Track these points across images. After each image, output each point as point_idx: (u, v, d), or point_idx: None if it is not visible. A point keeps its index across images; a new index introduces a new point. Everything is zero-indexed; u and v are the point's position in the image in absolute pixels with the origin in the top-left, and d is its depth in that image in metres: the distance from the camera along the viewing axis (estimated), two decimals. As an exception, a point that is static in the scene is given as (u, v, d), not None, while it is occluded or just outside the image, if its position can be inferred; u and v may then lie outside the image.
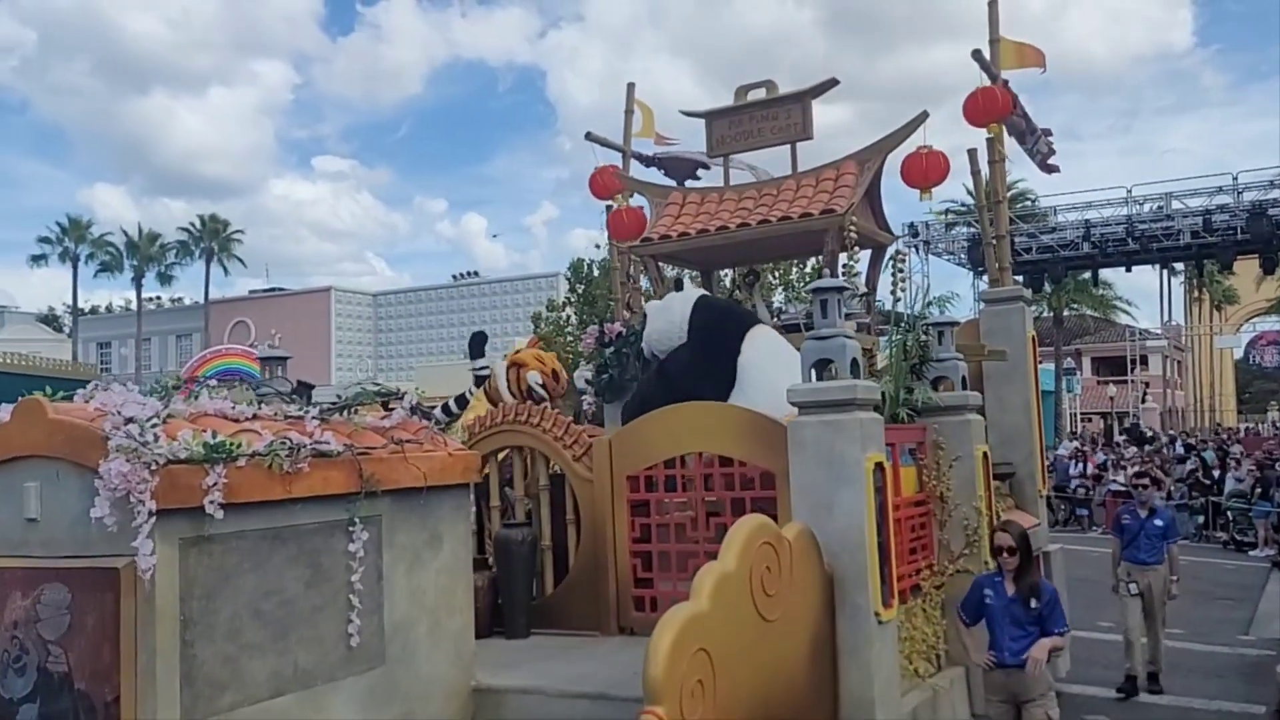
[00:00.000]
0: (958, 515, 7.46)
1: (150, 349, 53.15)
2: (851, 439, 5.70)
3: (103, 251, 53.29)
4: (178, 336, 54.43)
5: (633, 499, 6.46)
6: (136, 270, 53.20)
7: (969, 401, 7.61)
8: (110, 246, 53.42)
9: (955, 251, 36.73)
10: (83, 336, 52.71)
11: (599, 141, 11.27)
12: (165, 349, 54.01)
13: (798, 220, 9.03)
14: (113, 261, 53.29)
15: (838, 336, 5.83)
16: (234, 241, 54.14)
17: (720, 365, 7.30)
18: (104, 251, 53.28)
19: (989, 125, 9.46)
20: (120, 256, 53.37)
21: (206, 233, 53.16)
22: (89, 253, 53.19)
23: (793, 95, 9.65)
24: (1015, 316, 9.63)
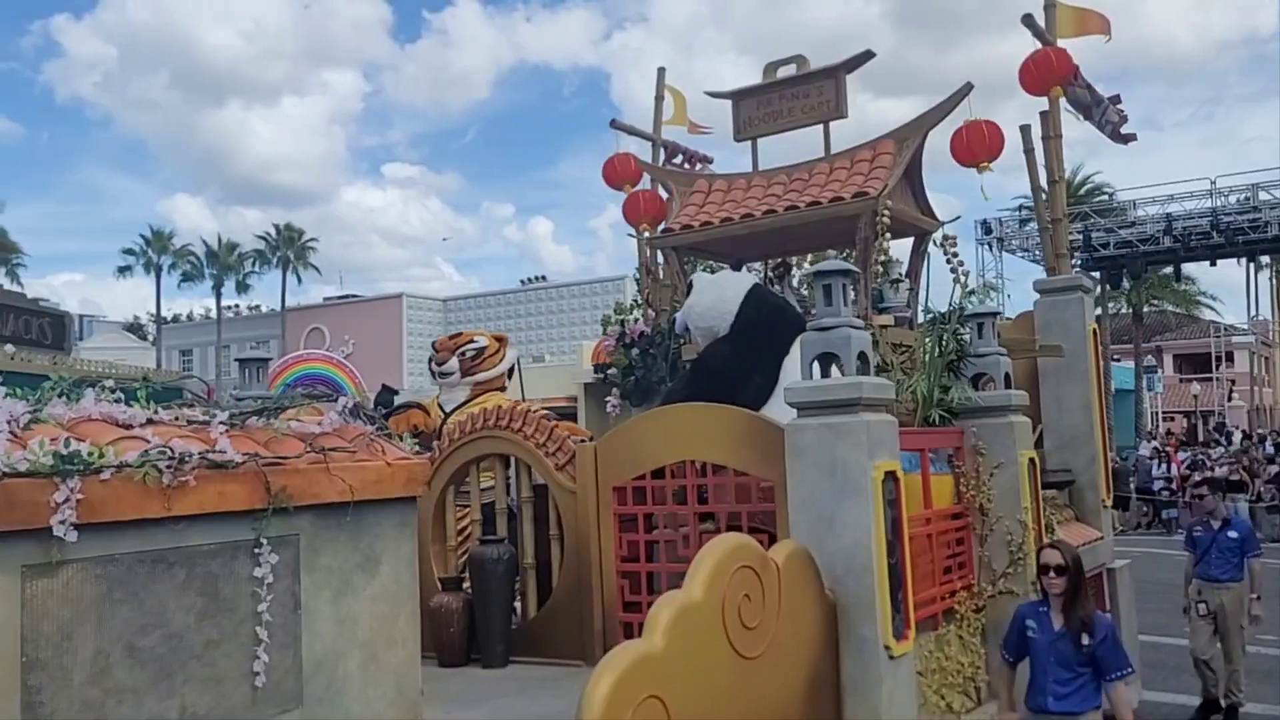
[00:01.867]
0: (1000, 530, 6.57)
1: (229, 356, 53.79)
2: (856, 444, 4.88)
3: (184, 262, 54.27)
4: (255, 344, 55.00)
5: (620, 512, 5.71)
6: (216, 279, 54.00)
7: (1012, 401, 6.71)
8: (191, 257, 54.40)
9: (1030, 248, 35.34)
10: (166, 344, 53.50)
11: (625, 129, 10.55)
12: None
13: (827, 205, 8.20)
14: (194, 271, 54.25)
15: (842, 327, 5.02)
16: (309, 250, 54.68)
17: (766, 364, 6.49)
18: (185, 261, 54.26)
19: (1051, 90, 8.51)
20: (201, 266, 54.32)
21: (282, 242, 53.75)
22: (171, 263, 54.23)
23: (825, 70, 8.81)
24: (1074, 308, 8.67)
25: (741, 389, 5.64)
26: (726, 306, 6.48)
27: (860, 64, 8.80)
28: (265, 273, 54.54)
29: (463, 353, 7.33)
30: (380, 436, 4.78)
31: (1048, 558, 5.14)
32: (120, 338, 55.92)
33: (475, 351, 7.36)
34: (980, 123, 8.18)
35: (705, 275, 6.95)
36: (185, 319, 60.19)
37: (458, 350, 7.35)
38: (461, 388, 7.35)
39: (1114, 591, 8.29)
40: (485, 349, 7.41)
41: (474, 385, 7.35)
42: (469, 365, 7.32)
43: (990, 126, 8.20)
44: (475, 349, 7.39)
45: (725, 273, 6.98)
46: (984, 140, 8.18)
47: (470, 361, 7.33)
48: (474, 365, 7.34)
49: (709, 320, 6.57)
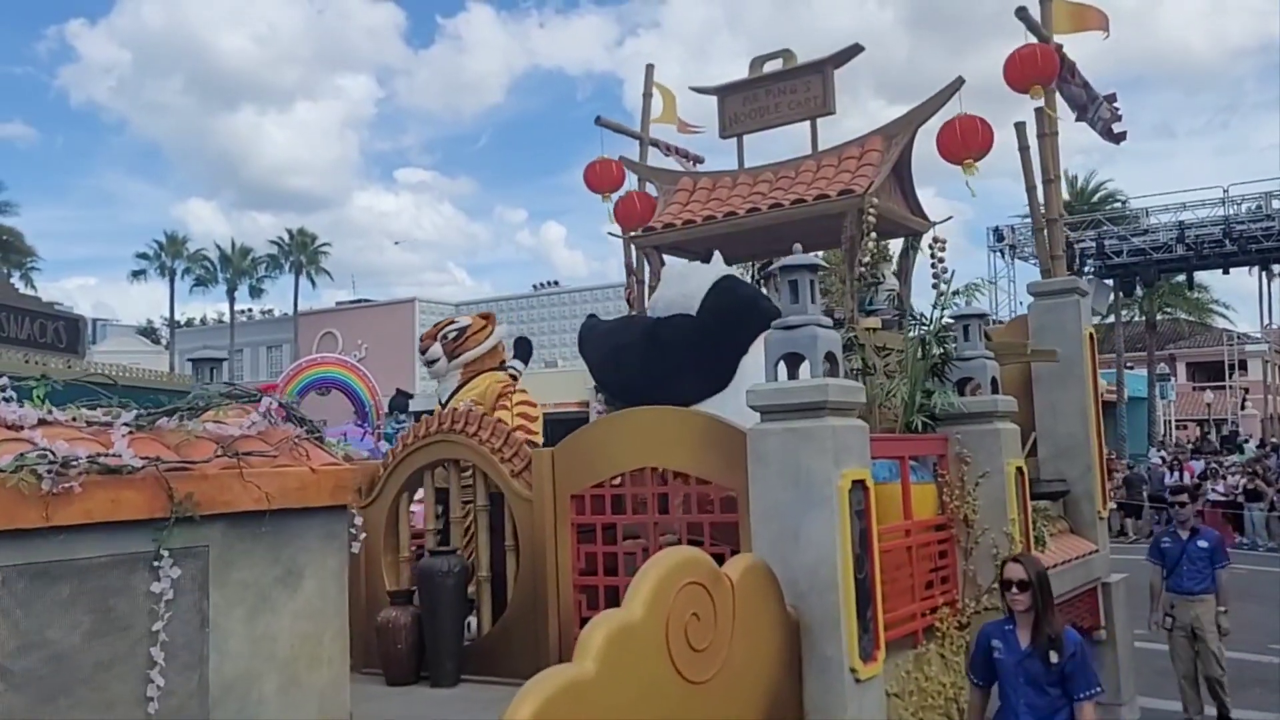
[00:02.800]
0: (985, 542, 6.19)
1: (243, 360, 53.66)
2: (822, 450, 4.51)
3: (198, 266, 54.18)
4: (268, 348, 54.84)
5: (578, 522, 5.35)
6: (229, 284, 53.89)
7: (998, 407, 6.32)
8: (205, 261, 54.30)
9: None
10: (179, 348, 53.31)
11: (611, 127, 10.20)
12: (256, 360, 54.47)
13: (813, 203, 7.84)
14: (207, 276, 54.15)
15: (809, 325, 4.66)
16: (321, 255, 54.54)
17: (722, 358, 6.14)
18: (199, 266, 54.17)
19: (1032, 89, 8.12)
20: (214, 270, 54.21)
21: (295, 247, 53.62)
22: (185, 267, 54.11)
23: (811, 65, 8.47)
24: (1069, 311, 8.28)
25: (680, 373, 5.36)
26: (690, 301, 6.14)
27: (848, 58, 8.45)
28: (278, 277, 54.45)
29: (444, 335, 6.95)
30: (309, 440, 4.43)
31: (1010, 572, 4.77)
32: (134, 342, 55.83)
33: (457, 332, 6.98)
34: (969, 118, 7.81)
35: (674, 266, 6.59)
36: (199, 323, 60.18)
37: (439, 335, 6.98)
38: (451, 374, 6.96)
39: (1109, 607, 7.88)
40: (468, 327, 7.03)
41: (463, 367, 6.96)
42: (453, 347, 6.94)
43: (979, 123, 7.83)
44: (457, 329, 7.00)
45: (693, 264, 6.61)
46: (974, 136, 7.81)
47: (454, 343, 6.95)
48: (458, 346, 6.95)
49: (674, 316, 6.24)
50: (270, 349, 55.00)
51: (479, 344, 6.94)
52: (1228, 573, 7.59)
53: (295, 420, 4.53)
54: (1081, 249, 32.37)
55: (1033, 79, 8.24)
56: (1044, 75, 8.25)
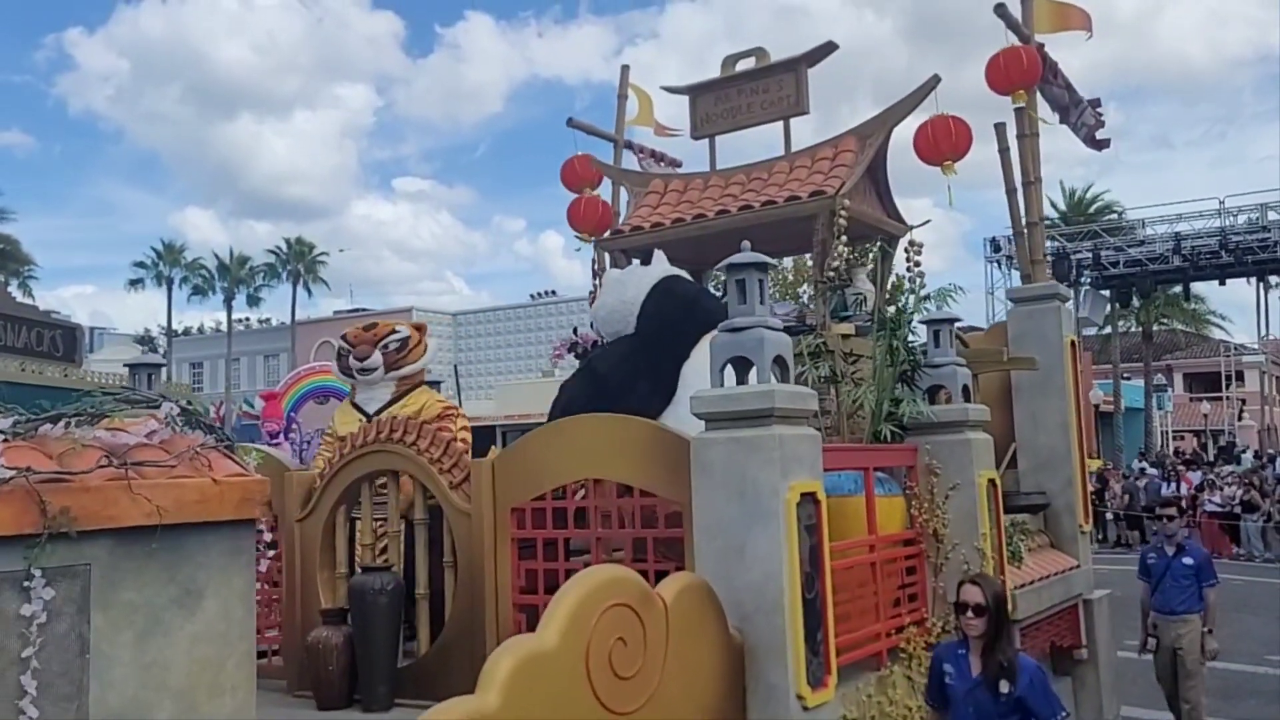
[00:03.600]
0: (956, 558, 5.85)
1: (239, 369, 53.36)
2: (768, 461, 4.18)
3: (195, 275, 53.88)
4: (265, 356, 54.59)
5: (519, 537, 5.02)
6: (227, 293, 53.66)
7: (969, 416, 5.99)
8: (203, 270, 54.01)
9: (1039, 266, 34.42)
10: (176, 357, 53.02)
11: (583, 128, 9.90)
12: (254, 368, 54.23)
13: (783, 205, 7.52)
14: (205, 284, 53.88)
15: (755, 328, 4.33)
16: (319, 264, 54.34)
17: (662, 369, 5.82)
18: (197, 275, 53.87)
19: (1014, 92, 7.81)
20: (212, 279, 53.93)
21: (293, 255, 53.41)
22: (183, 276, 53.81)
23: (784, 63, 8.15)
24: (1049, 318, 7.95)
25: (625, 397, 4.94)
26: (629, 308, 5.80)
27: (822, 57, 8.14)
28: (276, 286, 54.15)
29: (385, 345, 6.52)
30: (217, 449, 4.10)
31: (966, 595, 4.43)
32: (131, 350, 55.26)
33: (399, 343, 6.53)
34: (945, 118, 7.49)
35: (613, 273, 6.24)
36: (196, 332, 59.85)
37: (379, 342, 6.53)
38: (385, 385, 6.50)
39: (1091, 624, 7.53)
40: (408, 340, 6.60)
41: (399, 381, 6.53)
42: (393, 358, 6.49)
43: (956, 123, 7.52)
44: (399, 340, 6.54)
45: (632, 268, 6.26)
46: (950, 137, 7.50)
47: (395, 354, 6.50)
48: (399, 358, 6.51)
49: (614, 324, 5.90)
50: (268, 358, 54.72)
51: (418, 359, 6.55)
52: (1216, 592, 7.22)
53: (203, 428, 4.20)
54: (1078, 260, 32.09)
55: (1015, 82, 7.94)
56: (1026, 78, 7.95)
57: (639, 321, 5.86)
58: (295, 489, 5.66)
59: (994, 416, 8.01)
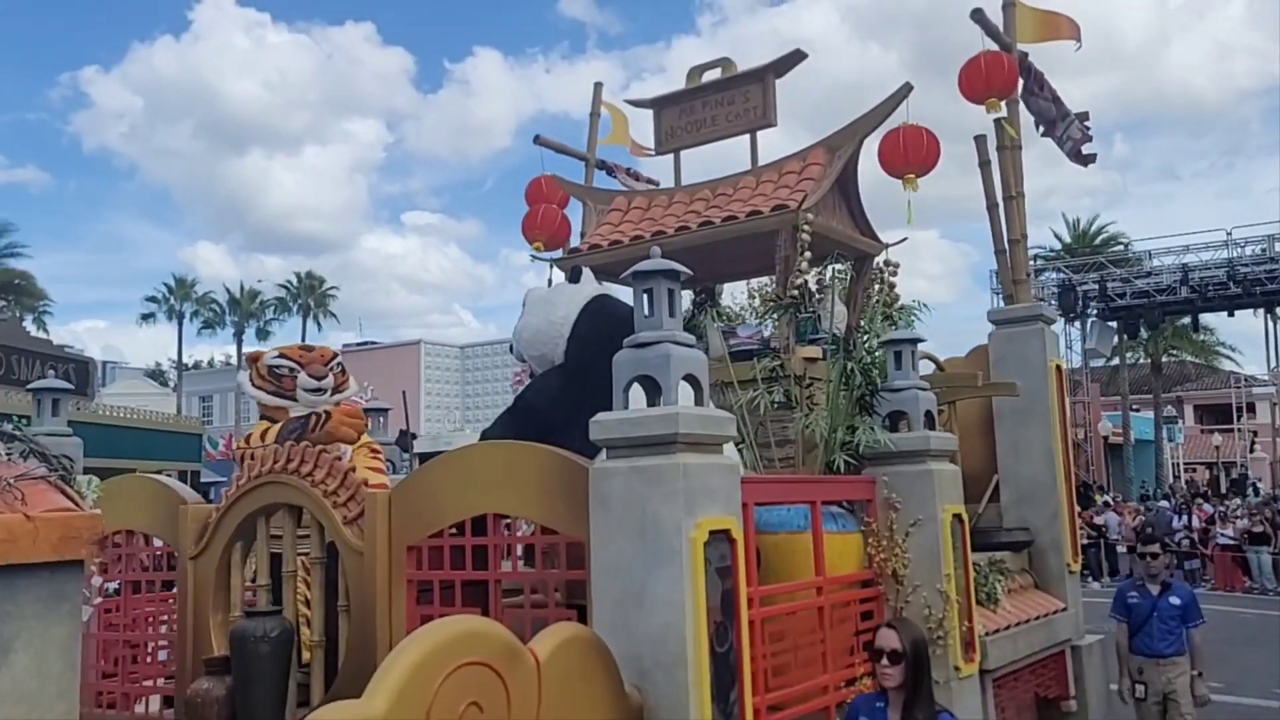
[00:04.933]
0: (917, 601, 5.21)
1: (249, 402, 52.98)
2: (670, 494, 3.58)
3: (206, 309, 53.45)
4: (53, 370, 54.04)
5: (415, 579, 4.41)
6: (237, 326, 53.33)
7: (930, 445, 5.36)
8: (213, 304, 53.61)
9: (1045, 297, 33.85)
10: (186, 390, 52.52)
11: (551, 146, 9.38)
12: (265, 401, 53.83)
13: (744, 221, 6.95)
14: (215, 318, 53.48)
15: (662, 343, 3.73)
16: (329, 297, 54.15)
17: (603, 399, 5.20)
18: (207, 309, 53.44)
19: (989, 101, 7.22)
20: (222, 313, 53.51)
21: (303, 289, 53.22)
22: (193, 310, 53.37)
23: (750, 73, 7.61)
24: (1033, 341, 7.32)
25: (566, 433, 4.30)
26: (557, 329, 5.18)
27: (790, 66, 7.59)
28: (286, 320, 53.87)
29: (334, 367, 5.88)
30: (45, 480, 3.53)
31: (882, 640, 3.82)
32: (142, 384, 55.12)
33: (341, 368, 5.92)
34: (915, 128, 6.91)
35: (537, 291, 5.63)
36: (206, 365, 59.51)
37: (329, 363, 5.88)
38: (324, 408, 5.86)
39: (1080, 672, 6.84)
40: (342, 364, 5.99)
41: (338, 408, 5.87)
42: (341, 380, 5.88)
43: (925, 134, 6.93)
44: (340, 365, 5.94)
45: (559, 285, 5.66)
46: (918, 148, 6.91)
47: (341, 377, 5.89)
48: (343, 382, 5.90)
49: (539, 346, 5.28)
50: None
51: (349, 387, 5.94)
52: (1201, 633, 6.52)
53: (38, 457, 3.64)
54: (1084, 291, 31.43)
55: (990, 90, 7.34)
56: (1002, 86, 7.35)
57: (570, 344, 5.24)
58: (190, 523, 5.08)
59: (974, 447, 7.41)
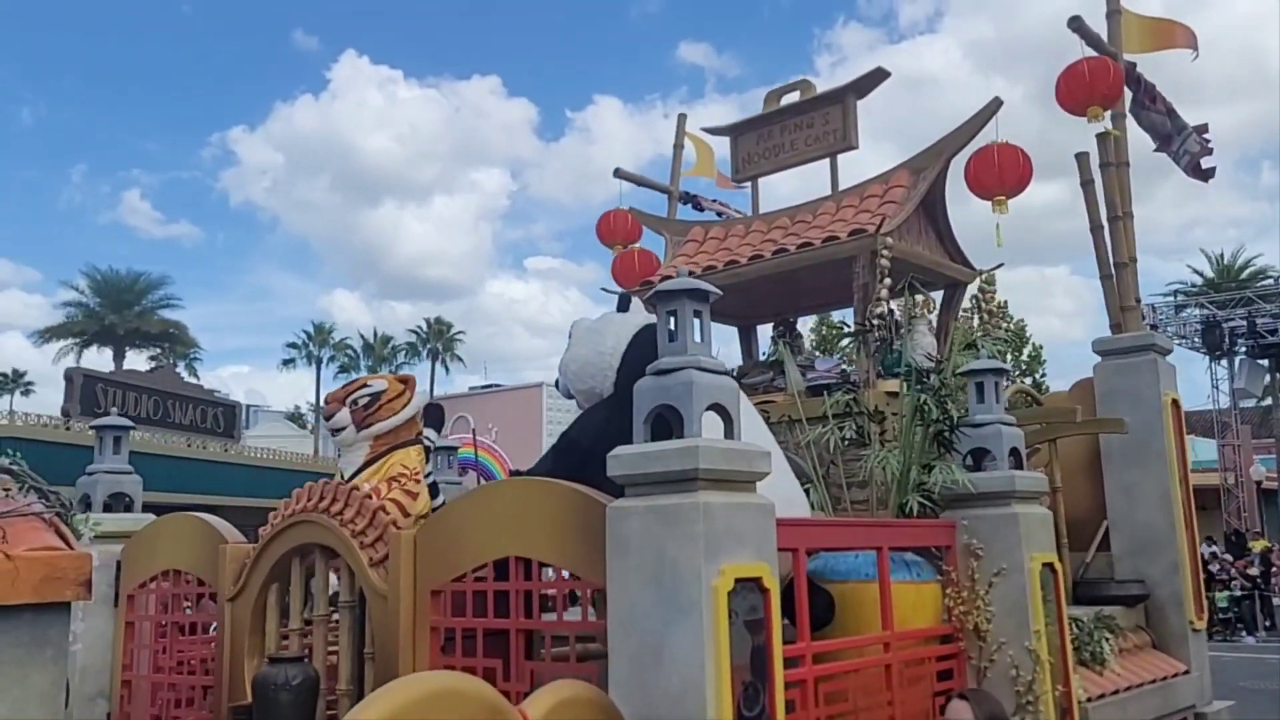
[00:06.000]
0: (1002, 661, 4.68)
1: (379, 444, 54.51)
2: (689, 537, 3.22)
3: (342, 354, 55.63)
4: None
5: (439, 625, 4.14)
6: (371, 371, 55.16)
7: (1016, 485, 4.84)
8: (349, 349, 55.78)
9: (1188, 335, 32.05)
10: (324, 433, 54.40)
11: (632, 180, 9.16)
12: (395, 443, 55.25)
13: (820, 247, 6.56)
14: (350, 363, 55.55)
15: (685, 370, 3.40)
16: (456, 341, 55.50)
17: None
18: (343, 354, 55.63)
19: (1090, 110, 6.67)
20: (357, 358, 55.61)
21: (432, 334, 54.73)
22: (330, 355, 55.63)
23: (829, 95, 7.25)
24: (1145, 374, 6.68)
25: None
26: (606, 361, 4.86)
27: (873, 85, 7.20)
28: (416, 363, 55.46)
29: (354, 400, 5.67)
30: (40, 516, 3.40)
31: (952, 713, 3.36)
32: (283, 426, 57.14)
33: (369, 398, 5.63)
34: (1008, 146, 6.43)
35: (584, 322, 5.32)
36: (342, 408, 61.45)
37: (348, 399, 5.70)
38: (359, 446, 5.63)
39: (1204, 745, 6.11)
40: (383, 393, 5.71)
41: (373, 440, 5.63)
42: (363, 415, 5.59)
43: (1017, 153, 6.44)
44: (370, 394, 5.64)
45: (607, 315, 5.34)
46: (1012, 168, 6.43)
47: (364, 410, 5.60)
48: (369, 415, 5.62)
49: (587, 380, 4.97)
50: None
51: (394, 414, 5.60)
52: None
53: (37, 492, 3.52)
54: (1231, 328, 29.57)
55: (1092, 98, 6.78)
56: (1106, 94, 6.79)
57: (620, 376, 4.91)
58: (228, 564, 4.94)
59: (1079, 489, 6.79)
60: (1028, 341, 27.85)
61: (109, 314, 44.60)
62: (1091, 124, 6.76)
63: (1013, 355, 26.55)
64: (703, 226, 7.91)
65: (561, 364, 5.20)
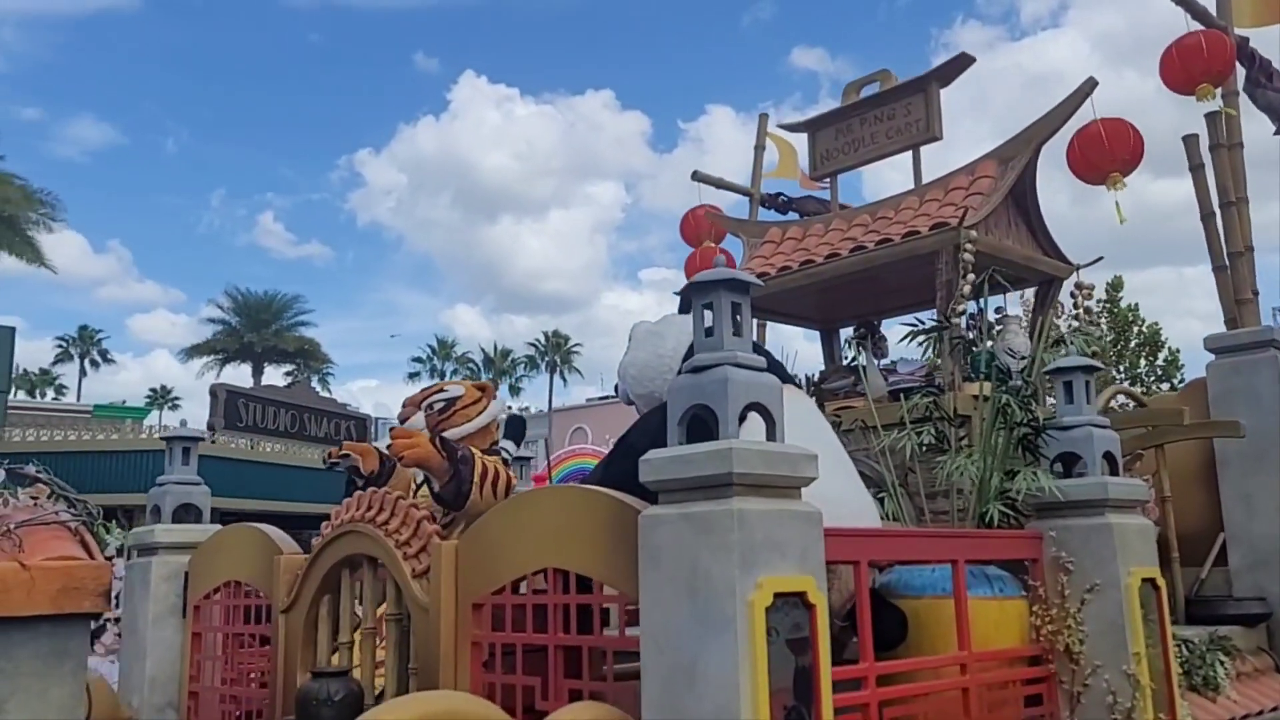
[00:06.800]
0: (1098, 685, 4.27)
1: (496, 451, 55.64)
2: (723, 547, 2.95)
3: (464, 367, 57.27)
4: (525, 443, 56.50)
5: (480, 640, 3.95)
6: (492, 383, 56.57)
7: (1109, 493, 4.42)
8: (470, 362, 57.35)
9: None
10: (448, 443, 55.91)
11: (710, 182, 8.92)
12: (514, 454, 56.38)
13: (899, 243, 6.21)
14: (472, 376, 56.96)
15: (720, 366, 3.14)
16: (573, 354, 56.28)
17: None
18: (465, 367, 57.23)
19: (1200, 89, 6.17)
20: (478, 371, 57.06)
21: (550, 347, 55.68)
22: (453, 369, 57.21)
23: (911, 83, 6.87)
24: (1264, 372, 6.13)
25: None
26: (666, 364, 4.60)
27: (957, 73, 6.81)
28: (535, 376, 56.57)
29: (429, 405, 5.57)
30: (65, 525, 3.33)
31: None
32: (487, 436, 59.46)
33: (445, 403, 5.53)
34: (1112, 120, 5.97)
35: (643, 324, 5.06)
36: (464, 421, 63.08)
37: (423, 403, 5.61)
38: None
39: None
40: (459, 398, 5.59)
41: None
42: (437, 420, 5.50)
43: (1126, 126, 5.98)
44: (445, 399, 5.54)
45: (668, 316, 5.07)
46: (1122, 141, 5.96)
47: (439, 415, 5.51)
48: (444, 419, 5.51)
49: (647, 384, 4.72)
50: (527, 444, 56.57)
51: (469, 420, 5.49)
52: None
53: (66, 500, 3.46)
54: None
55: (1207, 73, 6.28)
56: (1215, 70, 6.27)
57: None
58: (283, 575, 4.86)
59: (1192, 499, 6.26)
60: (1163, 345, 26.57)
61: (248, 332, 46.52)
62: (1201, 103, 6.25)
63: (1147, 360, 25.27)
64: (780, 227, 7.60)
65: (621, 368, 4.98)
